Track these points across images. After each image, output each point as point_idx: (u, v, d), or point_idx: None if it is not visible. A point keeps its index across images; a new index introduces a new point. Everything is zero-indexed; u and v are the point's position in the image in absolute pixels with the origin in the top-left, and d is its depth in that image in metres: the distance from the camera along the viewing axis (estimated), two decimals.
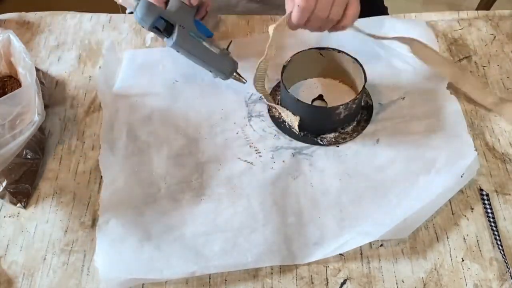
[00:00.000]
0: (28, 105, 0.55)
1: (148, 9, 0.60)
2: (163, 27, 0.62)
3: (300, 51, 0.63)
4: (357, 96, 0.59)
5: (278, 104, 0.65)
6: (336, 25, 0.57)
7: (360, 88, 0.61)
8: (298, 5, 0.54)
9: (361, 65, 0.61)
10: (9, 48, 0.62)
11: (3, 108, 0.54)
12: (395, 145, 0.61)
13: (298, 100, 0.59)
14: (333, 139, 0.61)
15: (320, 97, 0.65)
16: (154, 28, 0.62)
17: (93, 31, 0.75)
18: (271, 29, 0.58)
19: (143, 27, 0.62)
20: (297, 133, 0.61)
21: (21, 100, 0.55)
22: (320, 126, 0.62)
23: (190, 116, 0.65)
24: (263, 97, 0.64)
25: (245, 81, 0.64)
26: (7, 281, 0.52)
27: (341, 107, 0.58)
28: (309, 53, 0.63)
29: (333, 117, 0.60)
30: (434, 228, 0.55)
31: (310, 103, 0.64)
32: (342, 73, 0.64)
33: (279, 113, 0.63)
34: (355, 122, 0.63)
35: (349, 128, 0.62)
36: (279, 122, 0.63)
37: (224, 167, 0.59)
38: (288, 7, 0.57)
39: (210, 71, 0.64)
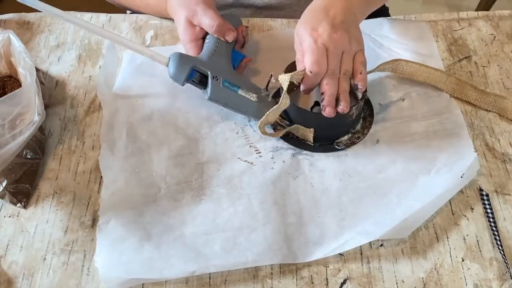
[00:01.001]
0: (28, 105, 0.55)
1: (180, 64, 0.58)
2: (198, 79, 0.60)
3: (292, 62, 0.61)
4: (365, 94, 0.59)
5: (282, 123, 0.63)
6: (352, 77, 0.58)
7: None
8: (310, 72, 0.55)
9: None
10: (9, 48, 0.62)
11: (3, 108, 0.54)
12: (395, 145, 0.61)
13: (313, 113, 0.59)
14: (348, 141, 0.61)
15: (317, 103, 0.64)
16: (189, 81, 0.60)
17: None
18: (283, 79, 0.57)
19: (176, 82, 0.60)
20: (312, 144, 0.61)
21: (21, 100, 0.55)
22: (335, 132, 0.61)
23: (190, 116, 0.65)
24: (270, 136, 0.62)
25: (288, 123, 0.62)
26: (7, 281, 0.52)
27: (353, 108, 0.58)
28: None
29: (347, 120, 0.60)
30: (434, 228, 0.55)
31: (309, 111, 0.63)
32: None
33: (288, 132, 0.62)
34: (362, 119, 0.63)
35: (359, 127, 0.63)
36: (290, 138, 0.62)
37: (224, 167, 0.59)
38: (299, 66, 0.57)
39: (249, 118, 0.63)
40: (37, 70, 0.66)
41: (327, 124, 0.59)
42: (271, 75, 0.60)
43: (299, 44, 0.58)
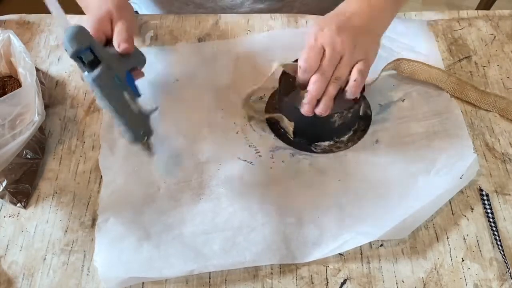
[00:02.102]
0: (28, 105, 0.55)
1: (79, 35, 0.52)
2: (89, 59, 0.53)
3: (297, 59, 0.62)
4: (353, 106, 0.58)
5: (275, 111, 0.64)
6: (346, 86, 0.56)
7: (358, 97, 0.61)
8: (299, 66, 0.55)
9: None
10: (9, 48, 0.62)
11: (3, 108, 0.54)
12: (395, 146, 0.61)
13: (294, 107, 0.58)
14: (327, 147, 0.61)
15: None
16: (78, 57, 0.53)
17: None
18: (276, 65, 0.58)
19: (66, 51, 0.53)
20: (291, 138, 0.61)
21: (21, 100, 0.55)
22: (315, 133, 0.61)
23: (190, 116, 0.64)
24: (255, 115, 0.63)
25: (153, 153, 0.57)
26: (7, 281, 0.52)
27: (336, 115, 0.57)
28: None
29: (328, 125, 0.59)
30: (434, 228, 0.55)
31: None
32: None
33: (274, 120, 0.63)
34: (352, 132, 0.62)
35: (345, 138, 0.62)
36: (276, 128, 0.63)
37: (223, 167, 0.59)
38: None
39: (120, 127, 0.55)
40: (37, 70, 0.66)
41: (307, 123, 0.59)
42: (157, 107, 0.57)
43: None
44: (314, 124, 0.60)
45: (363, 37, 0.56)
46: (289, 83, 0.59)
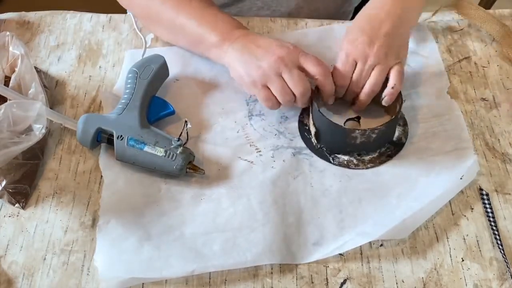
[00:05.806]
0: (39, 117, 0.55)
1: (85, 126, 0.58)
2: (106, 139, 0.59)
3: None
4: (378, 127, 0.56)
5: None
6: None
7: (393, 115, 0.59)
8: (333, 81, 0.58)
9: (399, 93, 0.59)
10: (9, 48, 0.62)
11: (12, 113, 0.54)
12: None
13: (319, 110, 0.58)
14: (344, 162, 0.59)
15: (357, 118, 0.62)
16: (99, 143, 0.60)
17: (93, 31, 0.75)
18: None
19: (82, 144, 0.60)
20: (314, 144, 0.61)
21: (34, 110, 0.55)
22: (335, 144, 0.60)
23: (190, 115, 0.64)
24: None
25: (203, 172, 0.58)
26: (7, 281, 0.52)
27: (357, 131, 0.56)
28: None
29: (348, 140, 0.58)
30: (434, 228, 0.55)
31: (344, 121, 0.62)
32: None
33: (307, 121, 0.62)
34: (377, 153, 0.60)
35: (367, 157, 0.60)
36: (303, 130, 0.62)
37: (224, 167, 0.59)
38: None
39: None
40: (38, 71, 0.65)
41: (328, 132, 0.59)
42: (186, 121, 0.58)
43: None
44: (334, 135, 0.59)
45: (394, 42, 0.57)
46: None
